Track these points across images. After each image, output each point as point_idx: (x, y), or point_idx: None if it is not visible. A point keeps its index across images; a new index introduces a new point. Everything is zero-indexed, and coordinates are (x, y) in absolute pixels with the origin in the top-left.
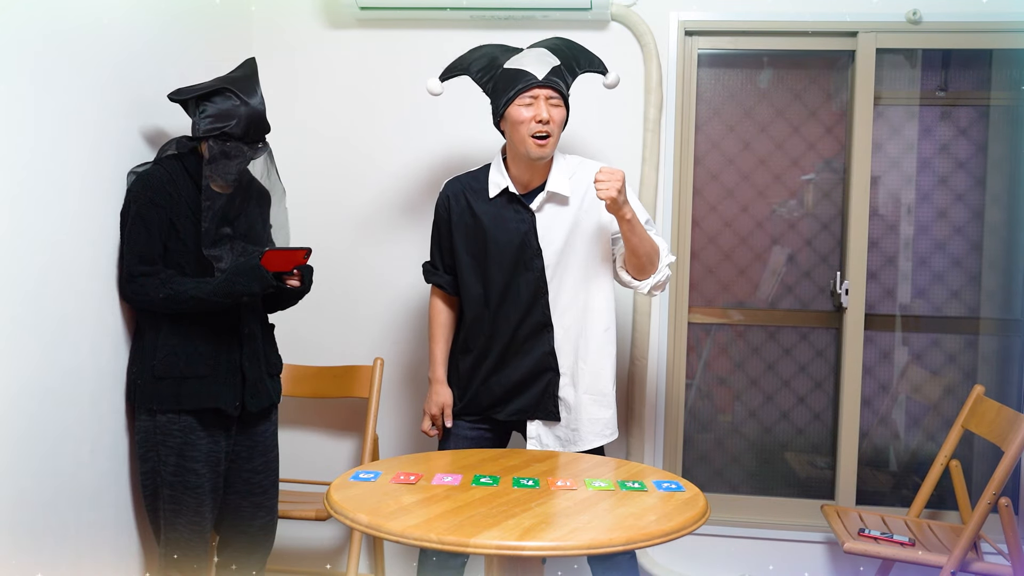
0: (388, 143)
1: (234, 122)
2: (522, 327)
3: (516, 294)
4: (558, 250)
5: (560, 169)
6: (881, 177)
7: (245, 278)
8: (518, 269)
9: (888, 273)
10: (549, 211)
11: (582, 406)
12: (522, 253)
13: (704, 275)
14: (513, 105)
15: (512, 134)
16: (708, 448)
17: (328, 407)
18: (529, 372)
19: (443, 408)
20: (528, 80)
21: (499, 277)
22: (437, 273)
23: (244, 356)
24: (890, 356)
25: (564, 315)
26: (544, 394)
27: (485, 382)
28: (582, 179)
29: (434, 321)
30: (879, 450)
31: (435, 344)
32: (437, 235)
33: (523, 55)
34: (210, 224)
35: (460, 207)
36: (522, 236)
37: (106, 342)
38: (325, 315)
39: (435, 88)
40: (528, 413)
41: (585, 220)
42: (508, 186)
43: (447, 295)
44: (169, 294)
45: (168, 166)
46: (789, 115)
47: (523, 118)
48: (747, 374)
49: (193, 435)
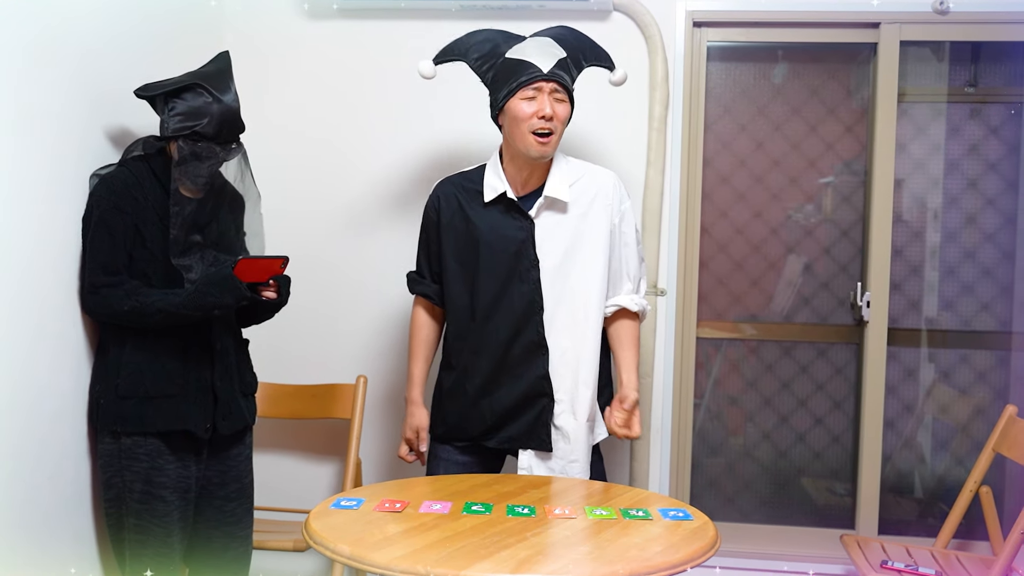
0: (373, 143)
1: (205, 121)
2: (514, 346)
3: (508, 306)
4: (556, 262)
5: (560, 172)
6: (905, 180)
7: (217, 289)
8: (512, 280)
9: (913, 284)
10: (548, 218)
11: (582, 435)
12: (518, 262)
13: (714, 286)
14: (514, 99)
15: (511, 130)
16: (718, 473)
17: (307, 429)
18: (522, 397)
19: (418, 431)
20: (532, 72)
21: (490, 286)
22: (423, 282)
23: (216, 374)
24: (915, 374)
25: (561, 336)
26: (537, 422)
27: (475, 405)
28: (586, 187)
29: (415, 336)
30: (903, 475)
31: (414, 361)
32: (425, 240)
33: (527, 44)
34: (179, 231)
35: (451, 209)
36: (519, 244)
37: (67, 358)
38: (304, 329)
39: (427, 71)
40: (520, 442)
41: (587, 231)
42: (506, 191)
43: (432, 306)
44: (134, 307)
45: (134, 168)
46: (806, 113)
47: (524, 113)
48: (760, 393)
49: (161, 459)
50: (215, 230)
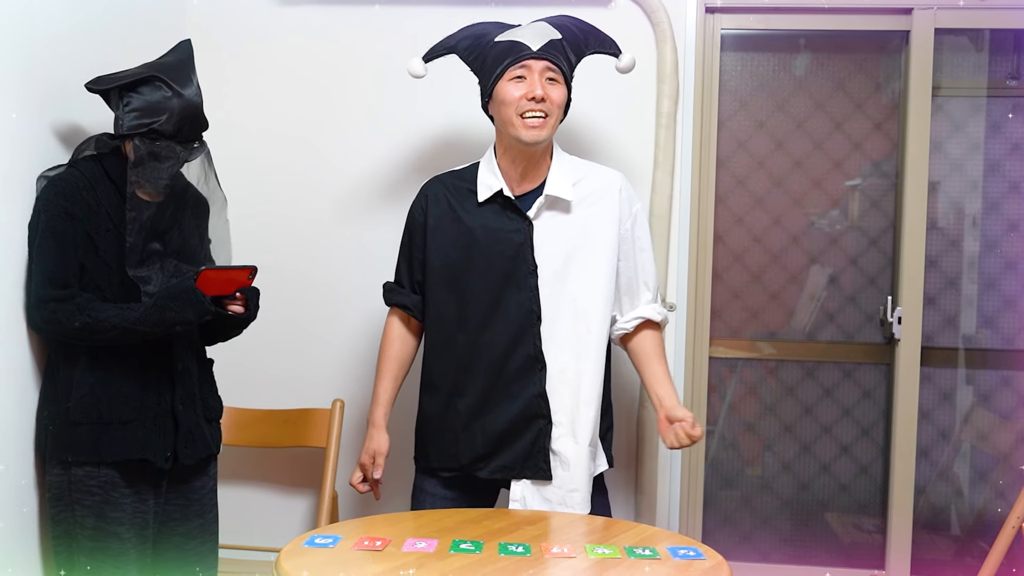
0: (352, 140)
1: (165, 117)
2: (510, 361)
3: (504, 316)
4: (557, 268)
5: (561, 169)
6: (941, 182)
7: (178, 303)
8: (508, 287)
9: (949, 298)
10: (548, 220)
11: (583, 461)
12: (515, 268)
13: (728, 300)
14: (502, 81)
15: (500, 116)
16: (733, 508)
17: (277, 458)
18: (517, 419)
19: (375, 456)
20: (520, 51)
21: (483, 294)
22: (402, 292)
23: (177, 397)
24: (951, 397)
25: (560, 351)
26: (534, 447)
27: (467, 428)
28: (591, 186)
29: (386, 351)
30: (938, 510)
31: (381, 380)
32: (408, 244)
33: (519, 28)
34: (136, 239)
35: (440, 210)
36: (516, 248)
37: (11, 380)
38: (274, 348)
39: (417, 69)
40: (514, 471)
41: (591, 235)
42: (502, 188)
43: (409, 319)
44: (86, 323)
45: (85, 169)
46: (830, 108)
47: (512, 96)
48: (780, 419)
49: (115, 492)
50: (176, 238)
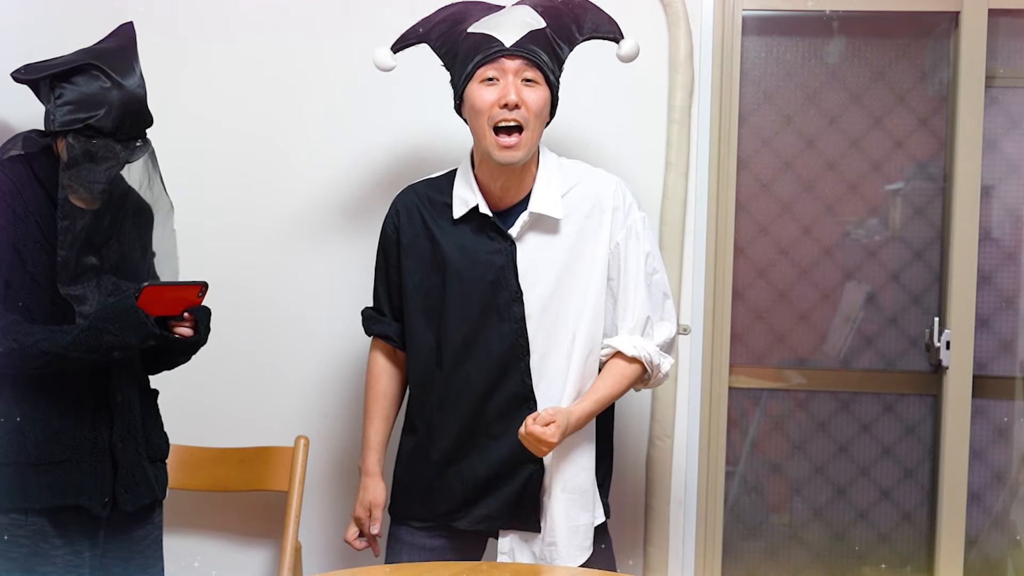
0: (320, 137)
1: (103, 111)
2: (492, 400)
3: (484, 350)
4: (545, 294)
5: (549, 179)
6: (995, 186)
7: (117, 325)
8: (489, 317)
9: (1005, 320)
10: (534, 240)
11: (558, 510)
12: (496, 295)
13: (751, 322)
14: (472, 83)
15: (472, 126)
16: (757, 561)
17: (232, 504)
18: (501, 464)
19: (371, 509)
20: (490, 47)
21: (459, 325)
22: (383, 320)
23: (116, 434)
24: (1007, 433)
25: (552, 386)
26: (523, 495)
27: (441, 475)
28: (583, 197)
29: (372, 388)
30: (993, 563)
31: (370, 421)
32: (384, 265)
33: (498, 15)
34: (69, 252)
35: (414, 227)
36: (496, 272)
37: None
38: (228, 377)
39: (385, 61)
40: (500, 521)
41: (585, 254)
42: (478, 204)
43: (394, 351)
44: (12, 348)
45: (11, 171)
46: (868, 101)
47: (483, 102)
48: (810, 458)
49: (45, 543)
50: (115, 250)
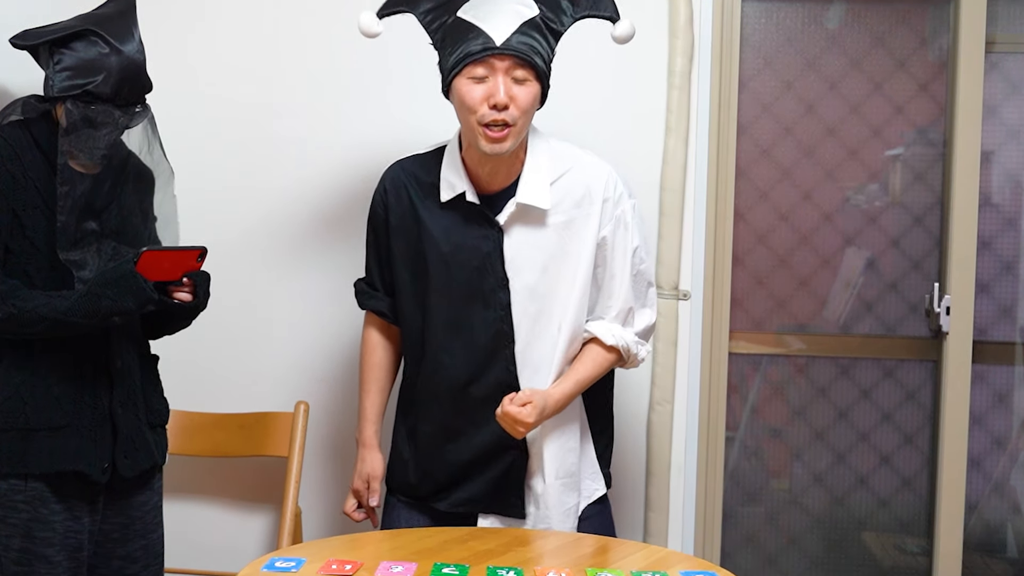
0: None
1: (101, 77)
2: (475, 387)
3: (468, 337)
4: (531, 282)
5: (538, 167)
6: (995, 152)
7: (115, 290)
8: (473, 303)
9: (1005, 285)
10: (522, 227)
11: (552, 496)
12: (481, 281)
13: (751, 288)
14: (460, 78)
15: (460, 117)
16: (757, 526)
17: (232, 469)
18: (486, 450)
19: (368, 481)
20: (482, 45)
21: (445, 311)
22: (376, 295)
23: (115, 400)
24: (1008, 399)
25: (536, 373)
26: (505, 480)
27: (421, 457)
28: (572, 184)
29: (366, 361)
30: (993, 529)
31: (366, 393)
32: (374, 241)
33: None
34: (69, 217)
35: (401, 207)
36: (483, 258)
37: None
38: (228, 343)
39: (370, 26)
40: (481, 504)
41: (573, 243)
42: (465, 192)
43: (388, 325)
44: (11, 314)
45: (11, 137)
46: (868, 66)
47: (472, 99)
48: (810, 424)
49: (45, 509)
50: (115, 215)
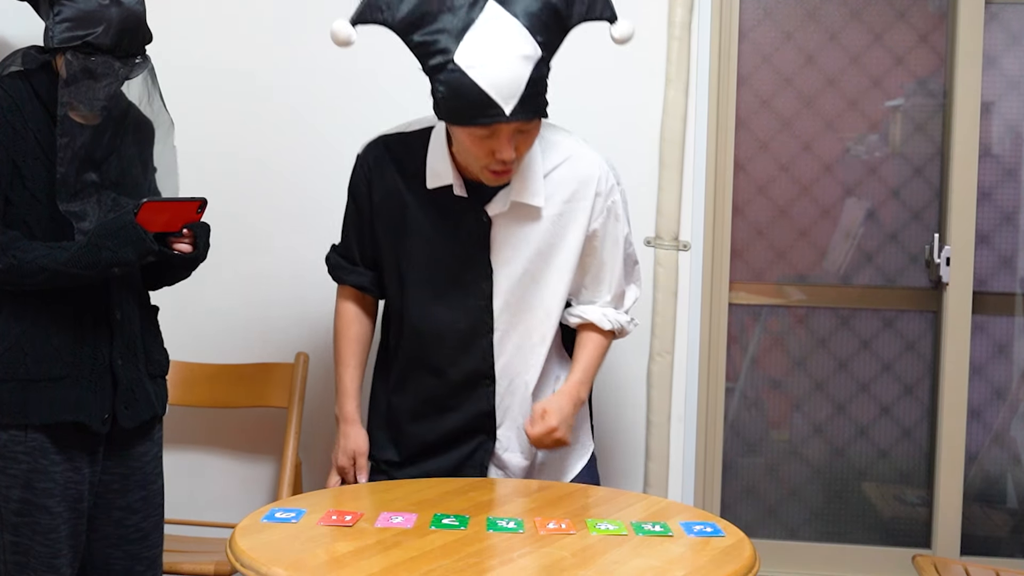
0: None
1: (101, 28)
2: (451, 373)
3: (447, 324)
4: (516, 274)
5: (532, 161)
6: (996, 103)
7: (115, 241)
8: (454, 291)
9: (1005, 236)
10: (510, 219)
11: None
12: (464, 271)
13: (751, 239)
14: (461, 129)
15: (457, 147)
16: (757, 477)
17: (232, 420)
18: (454, 432)
19: (355, 457)
20: (491, 118)
21: (425, 297)
22: (355, 269)
23: (115, 350)
24: (1008, 349)
25: (512, 362)
26: (467, 462)
27: (393, 430)
28: (566, 179)
29: (343, 335)
30: (992, 480)
31: (344, 367)
32: (356, 216)
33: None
34: (69, 168)
35: (385, 186)
36: (467, 248)
37: None
38: (228, 294)
39: (343, 34)
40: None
41: (560, 237)
42: (452, 185)
43: (363, 297)
44: (11, 264)
45: (10, 88)
46: (868, 17)
47: (476, 151)
48: (810, 375)
49: (45, 459)
50: (115, 166)
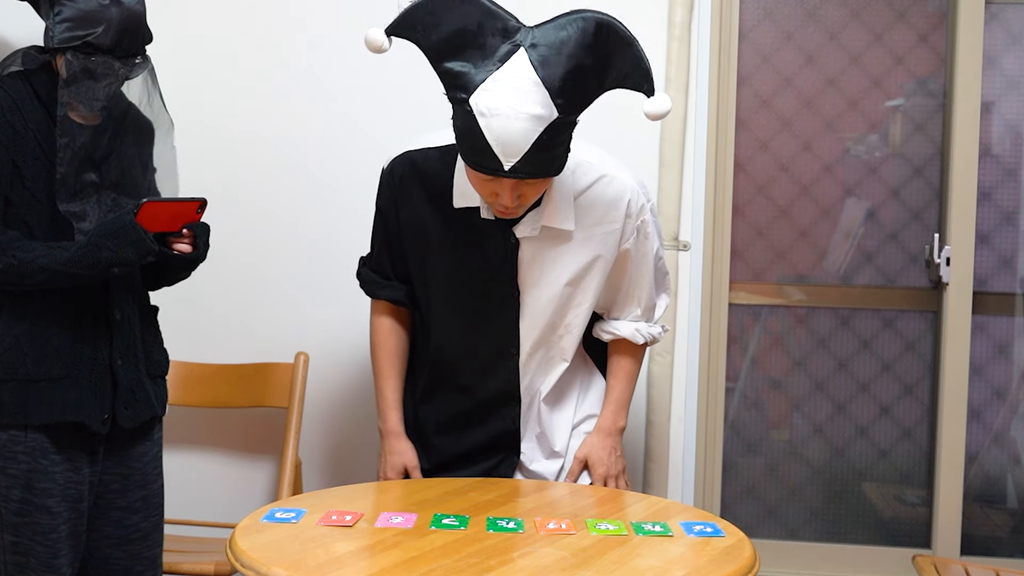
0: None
1: (101, 28)
2: (477, 393)
3: (471, 347)
4: (543, 296)
5: (562, 183)
6: (996, 103)
7: (115, 241)
8: (480, 314)
9: (1005, 236)
10: (539, 242)
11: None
12: (492, 291)
13: (751, 239)
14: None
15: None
16: (757, 477)
17: (232, 420)
18: (479, 446)
19: (407, 472)
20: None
21: (450, 317)
22: (388, 284)
23: (115, 350)
24: (1008, 349)
25: (535, 380)
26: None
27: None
28: (596, 202)
29: (381, 348)
30: (992, 480)
31: (384, 380)
32: (383, 230)
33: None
34: (68, 168)
35: (411, 203)
36: (494, 269)
37: None
38: (228, 294)
39: (377, 41)
40: None
41: (589, 262)
42: (479, 208)
43: (398, 309)
44: (10, 264)
45: (10, 88)
46: (868, 17)
47: (479, 188)
48: (810, 375)
49: (45, 459)
50: (115, 166)
